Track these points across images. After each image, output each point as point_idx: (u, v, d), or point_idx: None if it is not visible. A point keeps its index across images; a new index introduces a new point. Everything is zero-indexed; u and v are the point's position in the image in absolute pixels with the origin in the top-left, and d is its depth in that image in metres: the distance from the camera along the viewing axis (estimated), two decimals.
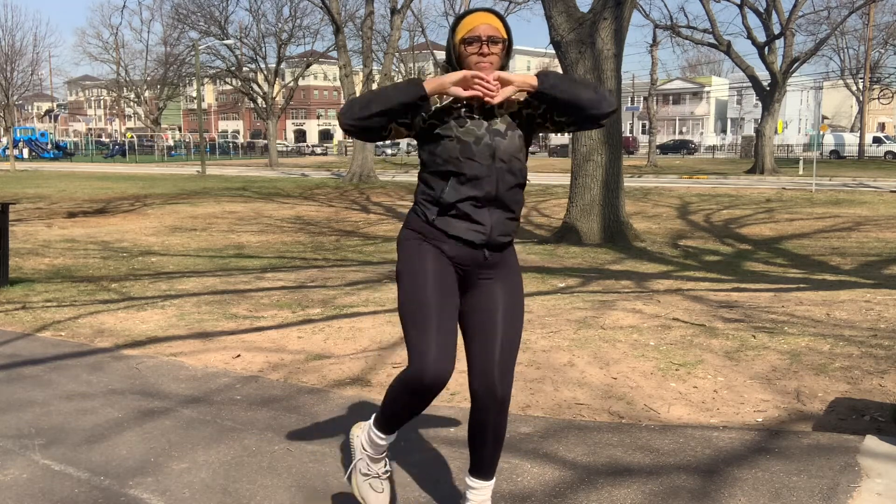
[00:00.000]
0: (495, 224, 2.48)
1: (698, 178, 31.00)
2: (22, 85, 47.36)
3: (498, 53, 2.48)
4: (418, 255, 2.48)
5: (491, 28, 2.47)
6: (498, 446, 2.56)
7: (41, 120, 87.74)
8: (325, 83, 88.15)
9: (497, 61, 2.48)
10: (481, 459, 2.58)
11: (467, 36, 2.47)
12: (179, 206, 18.71)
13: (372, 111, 2.39)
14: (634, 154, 59.28)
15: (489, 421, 2.50)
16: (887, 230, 13.01)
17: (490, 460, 2.58)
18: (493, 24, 2.48)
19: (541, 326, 5.69)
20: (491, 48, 2.45)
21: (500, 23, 2.50)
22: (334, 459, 3.37)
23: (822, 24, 39.43)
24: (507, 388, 2.48)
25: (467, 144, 2.44)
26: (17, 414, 4.01)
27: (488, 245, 2.49)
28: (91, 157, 63.82)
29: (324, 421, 3.87)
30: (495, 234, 2.49)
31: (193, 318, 6.22)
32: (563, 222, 11.87)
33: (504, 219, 2.51)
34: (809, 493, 2.95)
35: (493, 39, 2.46)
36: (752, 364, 4.64)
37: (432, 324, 2.36)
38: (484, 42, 2.45)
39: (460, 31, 2.49)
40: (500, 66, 2.51)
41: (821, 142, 48.89)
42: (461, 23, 2.51)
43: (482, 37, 2.45)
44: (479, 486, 2.62)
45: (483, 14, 2.50)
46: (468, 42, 2.47)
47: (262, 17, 69.83)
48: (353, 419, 3.86)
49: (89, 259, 10.04)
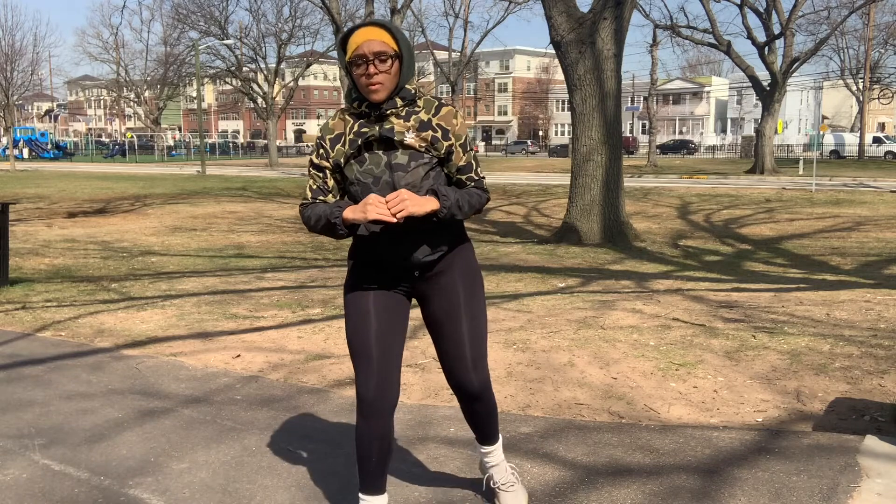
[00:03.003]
0: (410, 248, 2.46)
1: (698, 178, 31.00)
2: (22, 85, 47.37)
3: (388, 71, 2.30)
4: (362, 281, 2.55)
5: (378, 43, 2.28)
6: (491, 419, 2.78)
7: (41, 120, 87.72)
8: (325, 83, 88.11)
9: (388, 80, 2.32)
10: (481, 433, 2.82)
11: (353, 56, 2.30)
12: (179, 206, 18.71)
13: (316, 234, 2.51)
14: (634, 154, 59.29)
15: (474, 407, 2.72)
16: (887, 230, 13.01)
17: (489, 430, 2.81)
18: (379, 39, 2.29)
19: (541, 326, 5.69)
20: (379, 66, 2.28)
21: (389, 35, 2.32)
22: (334, 459, 3.37)
23: (822, 24, 39.43)
24: (482, 377, 2.64)
25: (366, 186, 2.42)
26: (17, 414, 4.01)
27: (413, 267, 2.51)
28: (91, 157, 63.83)
29: (324, 421, 3.87)
30: (417, 256, 2.48)
31: (193, 318, 6.22)
32: (563, 222, 11.87)
33: (424, 242, 2.46)
34: (809, 493, 2.95)
35: (380, 56, 2.28)
36: (752, 364, 4.64)
37: (373, 358, 2.47)
38: (370, 61, 2.28)
39: (348, 52, 2.32)
40: (395, 83, 2.34)
41: (821, 142, 48.87)
42: (347, 42, 2.33)
43: (368, 55, 2.28)
44: (489, 450, 2.87)
45: (367, 29, 2.30)
46: (355, 64, 2.31)
47: (262, 17, 69.91)
48: (353, 419, 3.86)
49: (89, 259, 10.04)
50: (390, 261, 2.50)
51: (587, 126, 11.31)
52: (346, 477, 3.20)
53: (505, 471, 2.90)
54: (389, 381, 2.48)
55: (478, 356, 2.60)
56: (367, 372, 2.47)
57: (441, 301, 2.58)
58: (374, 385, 2.46)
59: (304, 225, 2.55)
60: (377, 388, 2.46)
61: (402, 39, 2.34)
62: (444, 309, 2.58)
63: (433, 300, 2.59)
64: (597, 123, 11.26)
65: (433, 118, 2.42)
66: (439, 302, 2.58)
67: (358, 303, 2.54)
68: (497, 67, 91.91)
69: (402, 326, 2.58)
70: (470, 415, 2.75)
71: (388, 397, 2.48)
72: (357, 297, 2.55)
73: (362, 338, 2.49)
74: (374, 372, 2.46)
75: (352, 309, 2.54)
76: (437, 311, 2.59)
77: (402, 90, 2.39)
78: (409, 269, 2.52)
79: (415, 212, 2.30)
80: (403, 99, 2.39)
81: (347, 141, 2.43)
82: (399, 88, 2.38)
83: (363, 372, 2.47)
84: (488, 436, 2.83)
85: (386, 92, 2.34)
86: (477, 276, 2.64)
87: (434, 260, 2.51)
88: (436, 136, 2.41)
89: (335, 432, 3.69)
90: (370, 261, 2.54)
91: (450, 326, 2.58)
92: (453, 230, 2.55)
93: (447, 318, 2.58)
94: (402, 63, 2.35)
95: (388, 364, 2.49)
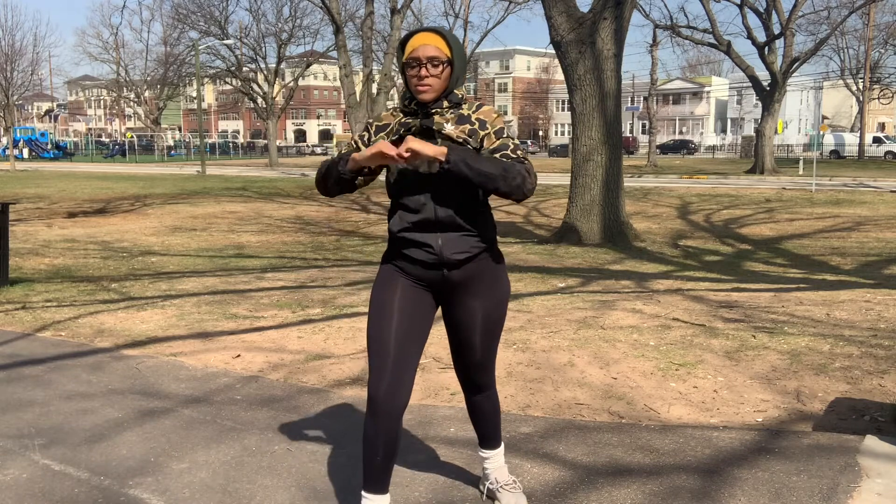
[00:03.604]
0: (445, 244, 2.52)
1: (698, 178, 31.00)
2: (22, 85, 47.32)
3: (438, 75, 2.46)
4: (389, 283, 2.61)
5: (433, 49, 2.45)
6: (492, 421, 2.87)
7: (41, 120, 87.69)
8: (325, 83, 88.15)
9: (437, 83, 2.48)
10: (482, 434, 2.90)
11: (408, 59, 2.47)
12: (179, 206, 18.71)
13: (323, 187, 2.60)
14: (634, 154, 59.29)
15: (479, 402, 2.83)
16: (887, 230, 13.01)
17: (490, 433, 2.89)
18: (434, 45, 2.45)
19: (541, 326, 5.69)
20: (430, 70, 2.44)
21: (444, 42, 2.47)
22: (334, 459, 3.37)
23: (822, 24, 39.40)
24: (488, 381, 2.80)
25: (404, 176, 2.52)
26: (17, 414, 4.01)
27: (442, 264, 2.54)
28: (91, 157, 63.82)
29: (324, 421, 3.87)
30: (447, 253, 2.52)
31: (193, 318, 6.22)
32: (563, 222, 11.86)
33: (457, 237, 2.53)
34: (809, 493, 2.95)
35: (433, 61, 2.44)
36: (752, 364, 4.65)
37: (390, 358, 2.50)
38: (423, 64, 2.44)
39: (405, 53, 2.49)
40: (444, 87, 2.50)
41: (821, 142, 48.87)
42: (406, 45, 2.50)
43: (422, 59, 2.44)
44: (489, 455, 2.93)
45: (425, 35, 2.48)
46: (409, 65, 2.47)
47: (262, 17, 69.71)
48: (353, 419, 3.86)
49: (89, 259, 10.04)
50: (420, 259, 2.54)
51: (587, 126, 11.31)
52: (346, 477, 3.20)
53: (506, 473, 2.97)
54: (402, 383, 2.50)
55: (487, 360, 2.75)
56: (382, 371, 2.49)
57: (461, 311, 2.65)
58: (386, 385, 2.48)
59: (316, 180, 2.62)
60: (389, 389, 2.48)
61: (456, 48, 2.49)
62: (462, 320, 2.67)
63: (455, 306, 2.66)
64: (597, 123, 11.26)
65: (472, 114, 2.55)
66: (460, 310, 2.65)
67: (382, 302, 2.57)
68: (497, 67, 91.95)
69: (423, 331, 2.61)
70: (472, 410, 2.85)
71: (398, 399, 2.49)
72: (383, 296, 2.58)
73: (382, 337, 2.52)
74: (388, 372, 2.49)
75: (375, 308, 2.58)
76: (456, 316, 2.68)
77: (450, 94, 2.53)
78: (438, 266, 2.55)
79: (419, 148, 2.36)
80: (450, 102, 2.53)
81: (392, 131, 2.57)
82: (448, 92, 2.53)
83: (377, 371, 2.50)
84: (489, 438, 2.90)
85: (434, 93, 2.49)
86: (502, 290, 2.68)
87: (462, 259, 2.54)
88: (473, 128, 2.53)
89: (335, 432, 3.69)
90: (400, 260, 2.59)
91: (465, 333, 2.68)
92: (484, 234, 2.58)
93: (464, 326, 2.67)
94: (452, 69, 2.50)
95: (403, 366, 2.51)
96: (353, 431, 3.70)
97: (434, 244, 2.52)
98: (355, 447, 3.49)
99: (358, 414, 3.93)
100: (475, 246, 2.56)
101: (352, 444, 3.54)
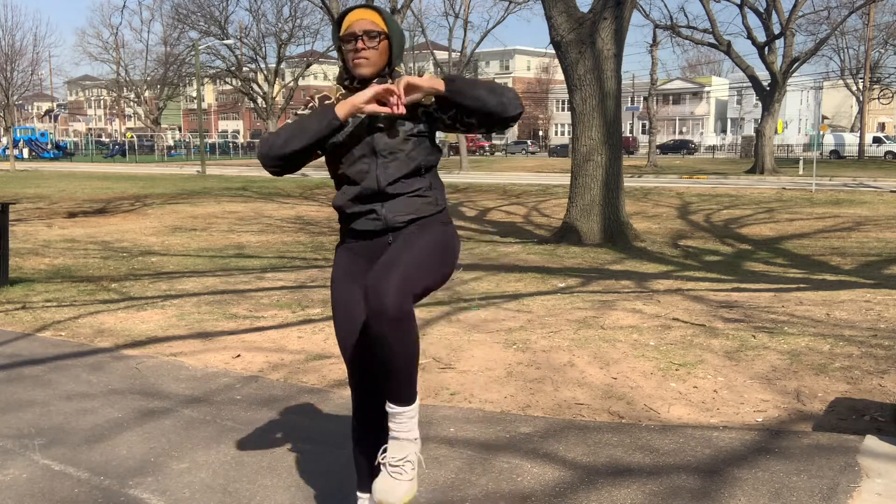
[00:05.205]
0: (390, 209, 2.44)
1: (698, 178, 31.00)
2: (22, 85, 47.29)
3: (376, 47, 2.40)
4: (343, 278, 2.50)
5: (367, 22, 2.41)
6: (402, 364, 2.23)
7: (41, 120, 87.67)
8: (325, 83, 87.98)
9: (375, 56, 2.41)
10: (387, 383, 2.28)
11: (344, 34, 2.43)
12: (179, 206, 18.70)
13: (293, 148, 2.36)
14: (634, 154, 59.26)
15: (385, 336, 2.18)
16: (887, 230, 13.01)
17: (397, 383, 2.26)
18: (369, 19, 2.42)
19: (541, 326, 5.69)
20: (367, 42, 2.39)
21: (379, 16, 2.44)
22: (334, 459, 3.37)
23: (822, 24, 39.39)
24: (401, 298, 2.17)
25: (347, 147, 2.44)
26: (17, 414, 4.01)
27: (387, 229, 2.45)
28: (91, 157, 63.78)
29: (324, 421, 3.87)
30: (391, 216, 2.43)
31: (193, 318, 6.22)
32: (563, 222, 11.86)
33: (402, 201, 2.44)
34: (809, 493, 2.95)
35: (369, 33, 2.39)
36: (752, 364, 4.65)
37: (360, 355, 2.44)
38: (360, 37, 2.39)
39: (341, 31, 2.45)
40: (383, 62, 2.43)
41: (821, 142, 48.85)
42: (341, 23, 2.46)
43: (357, 32, 2.39)
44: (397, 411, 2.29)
45: (359, 10, 2.45)
46: (346, 40, 2.42)
47: (262, 17, 69.88)
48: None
49: (89, 259, 10.03)
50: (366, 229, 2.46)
51: (587, 126, 11.32)
52: (346, 477, 3.19)
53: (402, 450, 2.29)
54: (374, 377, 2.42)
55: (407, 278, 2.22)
56: (355, 369, 2.47)
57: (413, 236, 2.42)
58: (363, 382, 2.46)
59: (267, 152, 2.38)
60: (365, 386, 2.45)
61: (390, 22, 2.44)
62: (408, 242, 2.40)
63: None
64: (597, 123, 11.26)
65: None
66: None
67: (339, 295, 2.50)
68: (497, 67, 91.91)
69: None
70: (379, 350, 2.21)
71: (378, 395, 2.42)
72: (338, 288, 2.50)
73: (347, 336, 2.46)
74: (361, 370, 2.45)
75: (335, 306, 2.50)
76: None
77: (392, 72, 2.47)
78: (383, 232, 2.46)
79: (417, 82, 2.32)
80: (392, 79, 2.45)
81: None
82: (390, 70, 2.46)
83: (350, 368, 2.48)
84: (395, 391, 2.27)
85: (372, 68, 2.41)
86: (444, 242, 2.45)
87: (407, 221, 2.44)
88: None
89: (335, 432, 3.69)
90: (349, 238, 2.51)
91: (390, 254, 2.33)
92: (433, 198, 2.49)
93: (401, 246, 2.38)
94: (390, 44, 2.44)
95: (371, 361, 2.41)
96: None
97: (378, 210, 2.44)
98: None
99: None
100: (421, 208, 2.46)
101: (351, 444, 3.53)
